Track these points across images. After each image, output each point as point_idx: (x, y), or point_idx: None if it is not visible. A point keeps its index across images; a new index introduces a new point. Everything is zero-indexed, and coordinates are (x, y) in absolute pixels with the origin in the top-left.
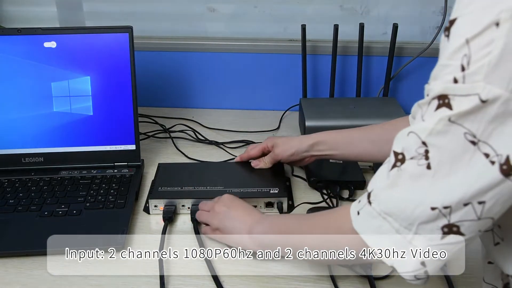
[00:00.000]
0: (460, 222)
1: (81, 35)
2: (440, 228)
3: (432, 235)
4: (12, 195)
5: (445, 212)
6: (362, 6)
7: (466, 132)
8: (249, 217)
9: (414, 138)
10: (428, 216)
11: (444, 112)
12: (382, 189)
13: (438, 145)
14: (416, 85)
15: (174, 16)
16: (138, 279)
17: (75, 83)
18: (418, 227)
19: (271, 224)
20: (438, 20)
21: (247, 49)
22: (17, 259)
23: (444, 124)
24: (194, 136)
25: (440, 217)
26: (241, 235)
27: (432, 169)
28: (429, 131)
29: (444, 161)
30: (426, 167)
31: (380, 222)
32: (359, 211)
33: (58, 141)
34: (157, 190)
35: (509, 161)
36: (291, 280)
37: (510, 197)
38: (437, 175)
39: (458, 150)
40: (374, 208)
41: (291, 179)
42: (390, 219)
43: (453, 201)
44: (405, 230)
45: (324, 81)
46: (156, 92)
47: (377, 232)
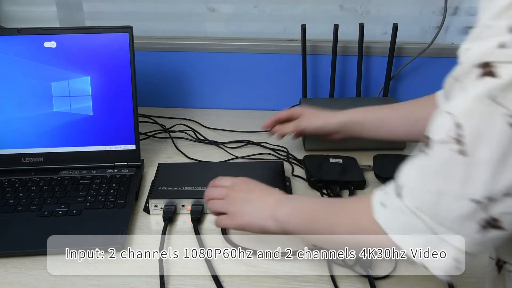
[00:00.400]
0: (501, 215)
1: (81, 35)
2: (478, 222)
3: (468, 230)
4: (12, 195)
5: (484, 204)
6: (362, 6)
7: (506, 113)
8: (271, 197)
9: (448, 119)
10: (466, 209)
11: (486, 85)
12: (412, 181)
13: (474, 127)
14: (416, 85)
15: (174, 16)
16: (138, 279)
17: (75, 83)
18: (454, 222)
19: (297, 205)
20: (438, 20)
21: (247, 49)
22: (17, 259)
23: (483, 102)
24: (194, 136)
25: (479, 210)
26: (265, 218)
27: (466, 155)
28: (466, 110)
29: (480, 146)
30: (459, 152)
31: (410, 218)
32: (385, 204)
33: (58, 141)
34: (157, 190)
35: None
36: (291, 280)
37: None
38: (473, 161)
39: (496, 134)
40: (405, 204)
41: (291, 179)
42: (421, 214)
43: (493, 192)
44: (439, 227)
45: (324, 81)
46: (156, 92)
47: (406, 229)
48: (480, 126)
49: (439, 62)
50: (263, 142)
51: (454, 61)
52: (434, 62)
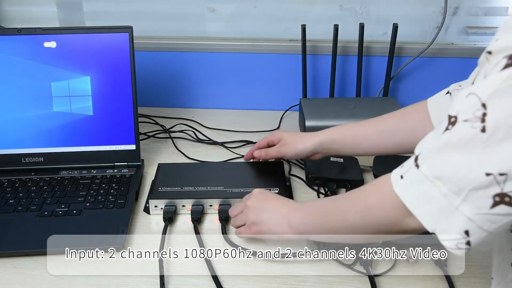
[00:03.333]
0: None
1: (81, 35)
2: (492, 196)
3: (482, 202)
4: (12, 195)
5: (499, 179)
6: (362, 6)
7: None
8: (285, 206)
9: (474, 99)
10: (481, 182)
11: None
12: (433, 152)
13: (499, 108)
14: (416, 85)
15: (174, 16)
16: (138, 279)
17: (75, 83)
18: (469, 193)
19: (309, 209)
20: (438, 20)
21: (247, 49)
22: (17, 259)
23: (508, 85)
24: (194, 136)
25: (493, 184)
26: (281, 227)
27: (487, 132)
28: (492, 92)
29: (502, 125)
30: (480, 130)
31: (427, 187)
32: (402, 175)
33: (58, 141)
34: (157, 190)
35: None
36: (291, 280)
37: None
38: (492, 139)
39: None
40: (423, 172)
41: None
42: (439, 183)
43: (509, 169)
44: (453, 196)
45: (324, 81)
46: (156, 92)
47: (421, 197)
48: (503, 107)
49: (439, 62)
50: None
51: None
52: (434, 62)
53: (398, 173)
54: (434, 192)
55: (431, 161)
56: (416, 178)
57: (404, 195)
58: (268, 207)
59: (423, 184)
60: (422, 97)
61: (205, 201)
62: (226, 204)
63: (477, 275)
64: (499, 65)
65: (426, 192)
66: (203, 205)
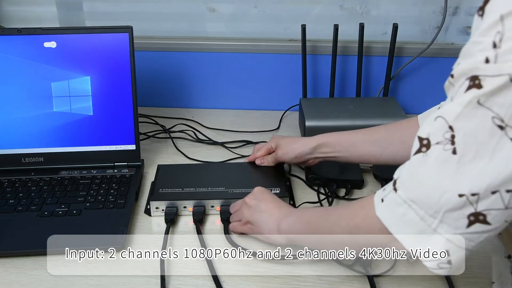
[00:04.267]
0: (487, 210)
1: (81, 35)
2: (467, 216)
3: (457, 223)
4: (12, 195)
5: (472, 199)
6: (362, 6)
7: (494, 116)
8: (279, 210)
9: (441, 122)
10: (455, 204)
11: (474, 93)
12: (408, 175)
13: (465, 129)
14: (416, 85)
15: (174, 16)
16: (138, 279)
17: (75, 83)
18: (444, 214)
19: (300, 216)
20: (438, 20)
21: (247, 49)
22: (17, 259)
23: (472, 107)
24: (194, 136)
25: (467, 205)
26: (270, 230)
27: (458, 154)
28: (457, 115)
29: (470, 146)
30: (452, 152)
31: (405, 210)
32: (383, 199)
33: (58, 141)
34: (158, 191)
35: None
36: (291, 280)
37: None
38: (463, 160)
39: (485, 134)
40: (400, 196)
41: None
42: (415, 206)
43: (481, 188)
44: (430, 218)
45: (324, 81)
46: (156, 92)
47: (400, 219)
48: (470, 128)
49: (439, 62)
50: (263, 142)
51: (454, 61)
52: (434, 62)
53: (379, 196)
54: (411, 215)
55: (407, 185)
56: (395, 201)
57: (385, 218)
58: (263, 208)
59: (401, 207)
60: (422, 97)
61: (206, 202)
62: (228, 204)
63: (477, 275)
64: (463, 87)
65: (404, 215)
66: (204, 206)
